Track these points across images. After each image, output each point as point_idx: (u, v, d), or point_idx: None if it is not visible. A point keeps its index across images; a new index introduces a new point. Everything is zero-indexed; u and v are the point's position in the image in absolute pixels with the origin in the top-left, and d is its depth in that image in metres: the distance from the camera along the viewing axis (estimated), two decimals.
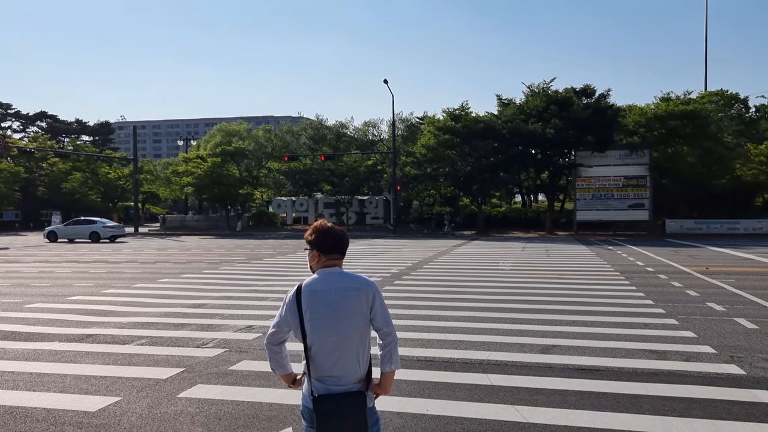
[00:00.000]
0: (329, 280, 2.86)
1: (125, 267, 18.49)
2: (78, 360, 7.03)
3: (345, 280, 2.88)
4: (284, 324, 2.89)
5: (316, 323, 2.81)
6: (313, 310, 2.81)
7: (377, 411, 2.95)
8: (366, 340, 2.88)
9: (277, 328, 2.90)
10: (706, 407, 5.21)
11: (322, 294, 2.82)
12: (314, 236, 2.91)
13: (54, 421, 5.03)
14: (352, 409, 2.76)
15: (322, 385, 2.80)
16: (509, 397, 5.49)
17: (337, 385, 2.80)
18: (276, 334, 2.91)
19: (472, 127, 40.35)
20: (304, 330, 2.83)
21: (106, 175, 51.68)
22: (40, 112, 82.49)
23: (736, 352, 7.15)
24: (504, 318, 9.31)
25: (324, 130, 54.87)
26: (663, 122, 38.73)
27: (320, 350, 2.81)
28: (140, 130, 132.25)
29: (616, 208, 40.15)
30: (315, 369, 2.83)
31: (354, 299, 2.83)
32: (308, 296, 2.83)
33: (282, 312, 2.90)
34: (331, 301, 2.81)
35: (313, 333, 2.81)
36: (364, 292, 2.85)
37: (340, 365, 2.80)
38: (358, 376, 2.84)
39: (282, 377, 3.00)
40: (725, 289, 12.58)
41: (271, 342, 2.92)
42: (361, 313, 2.84)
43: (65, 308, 10.69)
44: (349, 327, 2.81)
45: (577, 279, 14.33)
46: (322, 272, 2.90)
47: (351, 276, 2.91)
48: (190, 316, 9.80)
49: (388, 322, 2.89)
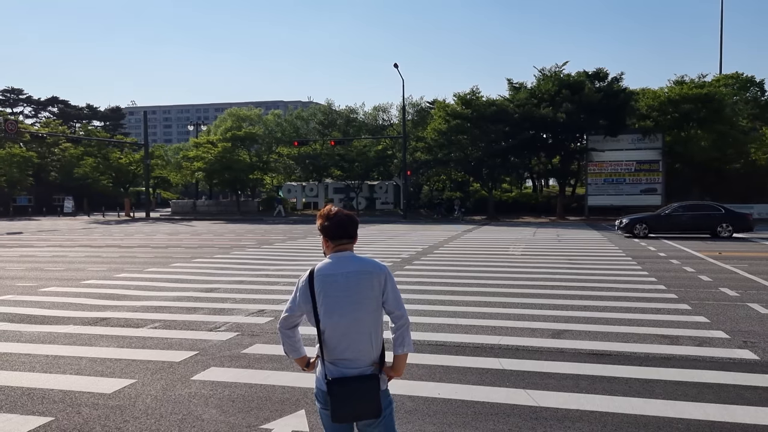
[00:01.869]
0: (341, 264, 2.87)
1: (137, 251, 18.64)
2: (93, 343, 7.12)
3: (356, 263, 2.89)
4: (297, 308, 2.91)
5: (328, 307, 2.82)
6: (325, 294, 2.83)
7: (390, 394, 2.97)
8: (378, 323, 2.89)
9: (290, 313, 2.92)
10: (718, 392, 5.19)
11: (333, 278, 2.84)
12: (321, 222, 2.93)
13: (71, 402, 5.10)
14: (365, 392, 2.78)
15: (336, 368, 2.82)
16: (520, 382, 5.50)
17: (350, 368, 2.82)
18: (288, 318, 2.93)
19: (482, 112, 40.01)
20: (317, 314, 2.84)
21: (118, 161, 51.81)
22: (52, 97, 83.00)
23: (750, 337, 7.11)
24: (515, 303, 9.31)
25: (334, 115, 54.74)
26: (676, 106, 38.22)
27: (333, 333, 2.82)
28: (151, 116, 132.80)
29: (628, 193, 39.83)
30: (328, 352, 2.84)
31: (366, 282, 2.84)
32: (320, 280, 2.85)
33: (295, 297, 2.92)
34: (343, 284, 2.83)
35: (325, 317, 2.83)
36: (376, 276, 2.86)
37: (353, 348, 2.82)
38: (371, 359, 2.85)
39: (296, 360, 3.03)
40: (738, 274, 12.48)
41: (284, 326, 2.95)
42: (373, 296, 2.85)
43: (79, 292, 10.81)
44: (361, 310, 2.83)
45: (589, 264, 14.27)
46: (333, 257, 2.91)
47: (362, 260, 2.92)
48: (203, 300, 9.88)
49: (400, 305, 2.90)
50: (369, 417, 2.82)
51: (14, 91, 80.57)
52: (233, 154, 48.35)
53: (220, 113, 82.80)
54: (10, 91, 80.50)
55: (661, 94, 39.94)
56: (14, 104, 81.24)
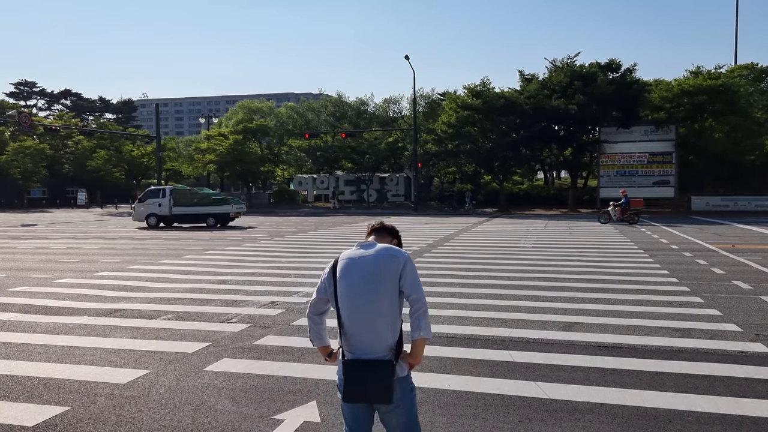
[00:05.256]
0: (363, 249, 2.98)
1: (150, 243, 18.79)
2: (107, 334, 7.21)
3: (378, 248, 2.97)
4: (323, 291, 2.98)
5: (347, 288, 2.89)
6: (345, 276, 2.90)
7: (412, 380, 3.01)
8: (396, 308, 2.92)
9: (318, 296, 3.00)
10: (729, 385, 5.18)
11: (353, 260, 2.93)
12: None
13: (86, 392, 5.18)
14: (378, 377, 2.81)
15: (352, 353, 2.87)
16: (531, 374, 5.51)
17: (366, 353, 2.86)
18: (316, 303, 3.01)
19: (493, 103, 39.81)
20: (336, 296, 2.91)
21: (130, 153, 52.20)
22: (65, 90, 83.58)
23: (762, 330, 7.07)
24: (526, 295, 9.31)
25: (344, 107, 54.71)
26: (690, 97, 37.80)
27: (350, 315, 2.87)
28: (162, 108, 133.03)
29: (641, 185, 39.50)
30: (346, 336, 2.90)
31: (384, 265, 2.89)
32: (342, 264, 2.94)
33: (321, 281, 3.01)
34: (361, 265, 2.90)
35: (343, 298, 2.88)
36: (395, 259, 2.92)
37: (370, 331, 2.86)
38: (387, 345, 2.88)
39: (319, 349, 3.08)
40: (752, 267, 12.38)
41: (312, 312, 3.03)
42: (390, 278, 2.88)
43: (93, 283, 10.94)
44: (379, 291, 2.86)
45: (600, 257, 14.21)
46: (359, 244, 3.03)
47: (385, 246, 3.00)
48: (215, 291, 9.96)
49: (418, 288, 2.92)
50: (379, 402, 2.86)
51: (27, 84, 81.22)
52: (245, 147, 48.54)
53: (231, 106, 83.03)
54: (24, 84, 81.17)
55: (675, 86, 39.49)
56: (28, 97, 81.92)
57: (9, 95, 79.04)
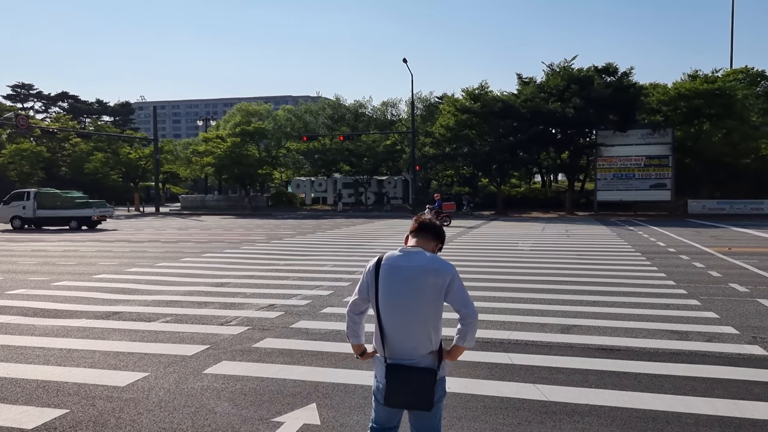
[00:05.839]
0: (408, 258, 2.95)
1: (148, 246, 18.78)
2: (106, 336, 7.21)
3: (425, 259, 2.94)
4: (365, 291, 2.99)
5: (388, 297, 2.89)
6: (387, 284, 2.89)
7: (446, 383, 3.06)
8: (438, 318, 2.96)
9: (360, 295, 3.01)
10: (727, 387, 5.20)
11: (399, 269, 2.90)
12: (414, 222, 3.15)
13: (85, 395, 5.18)
14: (421, 384, 2.85)
15: (393, 358, 2.89)
16: (530, 376, 5.53)
17: (405, 358, 2.88)
18: (356, 303, 3.02)
19: (491, 107, 39.90)
20: (378, 301, 2.91)
21: (127, 155, 52.04)
22: (62, 92, 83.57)
23: (759, 332, 7.10)
24: (524, 298, 9.33)
25: (342, 110, 54.78)
26: (687, 101, 37.93)
27: (391, 324, 2.89)
28: (160, 111, 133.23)
29: (638, 188, 39.63)
30: (387, 342, 2.91)
31: (431, 278, 2.89)
32: (386, 269, 2.92)
33: (362, 282, 3.01)
34: (407, 276, 2.88)
35: (384, 306, 2.90)
36: (442, 274, 2.91)
37: (410, 340, 2.88)
38: (427, 350, 2.91)
39: (354, 346, 3.09)
40: (748, 269, 12.43)
41: (353, 311, 3.04)
42: (435, 291, 2.90)
43: (91, 286, 10.93)
44: (420, 304, 2.88)
45: (598, 259, 14.25)
46: (404, 250, 3.00)
47: (432, 256, 2.97)
48: (213, 294, 9.96)
49: (468, 304, 2.94)
50: (419, 409, 2.89)
51: (24, 86, 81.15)
52: (242, 149, 48.54)
53: (229, 108, 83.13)
54: (21, 86, 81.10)
55: (671, 89, 39.64)
56: (24, 99, 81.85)
57: (6, 97, 78.99)
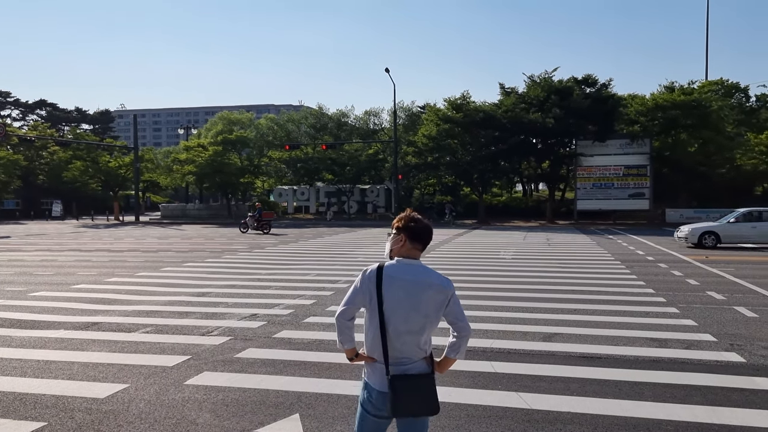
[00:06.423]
0: (410, 271, 2.94)
1: (127, 256, 18.56)
2: (84, 348, 7.10)
3: (426, 274, 2.95)
4: (358, 302, 2.96)
5: (391, 309, 2.88)
6: (391, 294, 2.89)
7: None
8: (434, 327, 2.98)
9: (349, 306, 2.98)
10: (706, 394, 5.27)
11: (401, 283, 2.90)
12: (405, 222, 3.02)
13: (63, 407, 5.09)
14: (425, 390, 2.89)
15: (393, 367, 2.89)
16: (513, 384, 5.56)
17: (406, 366, 2.90)
18: (348, 311, 2.99)
19: (473, 117, 40.26)
20: (381, 310, 2.89)
21: (107, 164, 51.36)
22: (40, 100, 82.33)
23: (736, 340, 7.22)
24: (506, 306, 9.38)
25: (325, 119, 54.80)
26: (664, 112, 38.64)
27: (394, 333, 2.89)
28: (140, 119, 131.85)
29: (617, 198, 40.17)
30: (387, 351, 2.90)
31: (433, 295, 2.91)
32: (388, 281, 2.91)
33: (356, 289, 2.97)
34: (410, 291, 2.89)
35: (389, 315, 2.89)
36: (443, 292, 2.93)
37: (411, 349, 2.91)
38: (422, 357, 2.95)
39: (347, 350, 3.04)
40: (725, 278, 12.64)
41: (344, 318, 2.99)
42: (435, 308, 2.93)
43: (70, 296, 10.76)
44: (424, 315, 2.90)
45: (578, 268, 14.39)
46: (402, 261, 2.98)
47: (432, 272, 2.99)
48: (195, 304, 9.87)
49: (464, 317, 2.99)
50: (428, 414, 2.92)
51: (2, 94, 79.81)
52: (224, 158, 48.27)
53: (211, 117, 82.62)
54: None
55: (649, 101, 40.36)
56: (2, 107, 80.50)
57: None
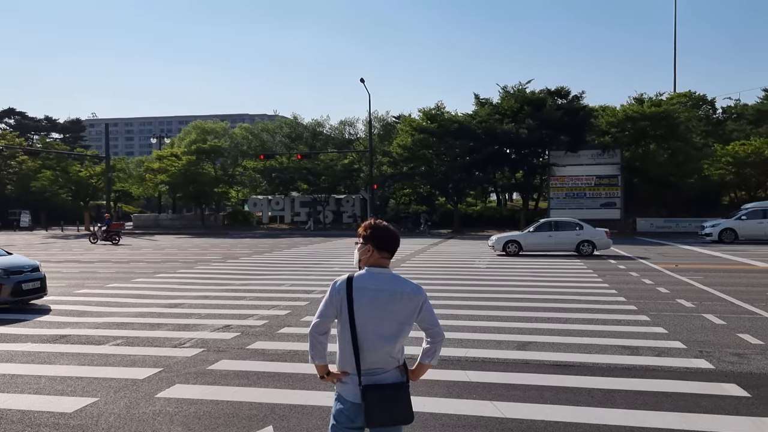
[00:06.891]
0: (381, 280, 2.91)
1: (98, 267, 18.21)
2: (52, 361, 6.93)
3: (397, 283, 2.93)
4: (331, 314, 2.91)
5: (364, 318, 2.85)
6: (362, 305, 2.85)
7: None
8: (405, 338, 2.96)
9: (323, 318, 2.92)
10: (676, 401, 5.36)
11: (372, 293, 2.87)
12: (371, 231, 2.96)
13: (29, 422, 4.96)
14: (399, 399, 2.86)
15: (366, 377, 2.85)
16: (487, 393, 5.58)
17: (378, 375, 2.86)
18: (321, 324, 2.92)
19: (447, 127, 40.61)
20: (352, 322, 2.85)
21: (77, 174, 50.36)
22: (8, 108, 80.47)
23: (705, 347, 7.36)
24: (481, 315, 9.43)
25: (300, 129, 54.70)
26: (634, 123, 39.45)
27: (366, 344, 2.86)
28: (112, 128, 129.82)
29: (589, 207, 40.74)
30: (360, 362, 2.86)
31: (405, 303, 2.89)
32: (359, 292, 2.87)
33: (328, 302, 2.91)
34: (381, 301, 2.86)
35: (361, 326, 2.85)
36: (415, 299, 2.92)
37: (383, 359, 2.87)
38: (395, 366, 2.93)
39: (318, 366, 2.97)
40: (694, 286, 12.89)
41: (317, 332, 2.92)
42: (407, 316, 2.91)
43: (37, 309, 10.49)
44: (396, 323, 2.88)
45: (552, 277, 14.54)
46: (372, 271, 2.93)
47: (402, 280, 2.97)
48: (166, 315, 9.72)
49: (437, 323, 2.98)
50: (402, 423, 2.87)
51: None
52: (198, 167, 47.81)
53: (184, 126, 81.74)
54: None
55: (620, 112, 41.18)
56: None
57: None
